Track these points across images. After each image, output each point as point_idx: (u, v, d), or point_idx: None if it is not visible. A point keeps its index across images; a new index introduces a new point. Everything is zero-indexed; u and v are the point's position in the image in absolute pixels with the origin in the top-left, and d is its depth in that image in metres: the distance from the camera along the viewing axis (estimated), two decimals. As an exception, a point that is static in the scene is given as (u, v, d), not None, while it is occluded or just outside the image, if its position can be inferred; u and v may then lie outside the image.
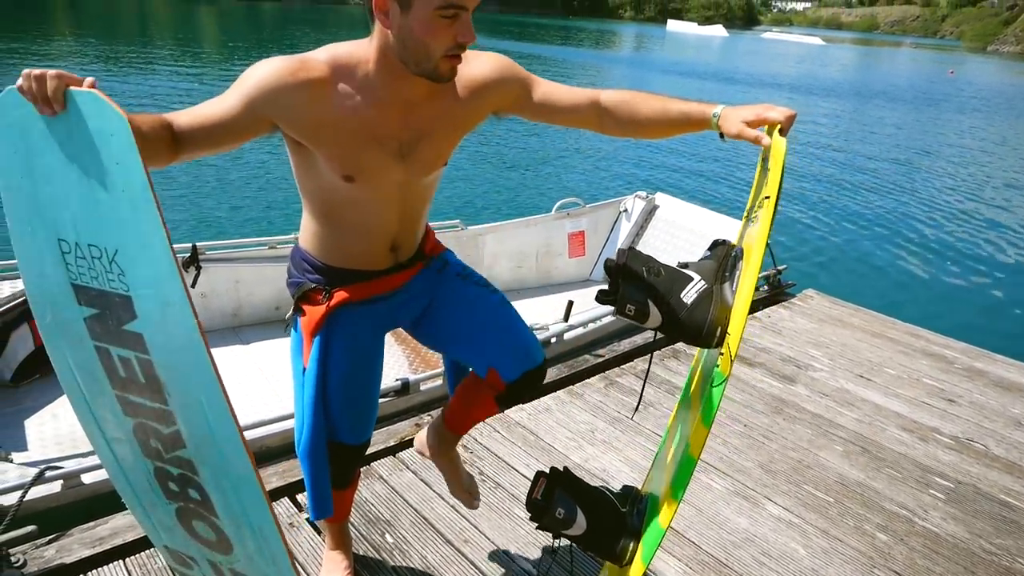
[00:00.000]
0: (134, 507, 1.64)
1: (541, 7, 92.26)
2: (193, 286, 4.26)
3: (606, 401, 3.31)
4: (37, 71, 1.20)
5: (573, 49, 39.54)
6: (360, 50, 1.49)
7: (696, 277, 1.62)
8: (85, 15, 36.49)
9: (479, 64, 1.62)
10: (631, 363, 3.71)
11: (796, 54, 56.85)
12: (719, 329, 1.52)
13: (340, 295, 1.71)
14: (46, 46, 22.04)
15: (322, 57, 1.47)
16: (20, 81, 1.20)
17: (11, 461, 2.83)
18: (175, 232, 7.01)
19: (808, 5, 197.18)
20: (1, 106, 1.24)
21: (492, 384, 1.84)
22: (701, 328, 1.55)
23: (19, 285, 3.76)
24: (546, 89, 1.67)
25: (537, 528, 1.76)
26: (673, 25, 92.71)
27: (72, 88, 1.21)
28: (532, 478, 1.79)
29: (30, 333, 3.73)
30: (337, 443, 1.79)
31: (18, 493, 2.26)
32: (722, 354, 1.48)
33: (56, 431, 3.41)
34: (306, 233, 1.72)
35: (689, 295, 1.62)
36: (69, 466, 2.50)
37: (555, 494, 1.73)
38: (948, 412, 3.46)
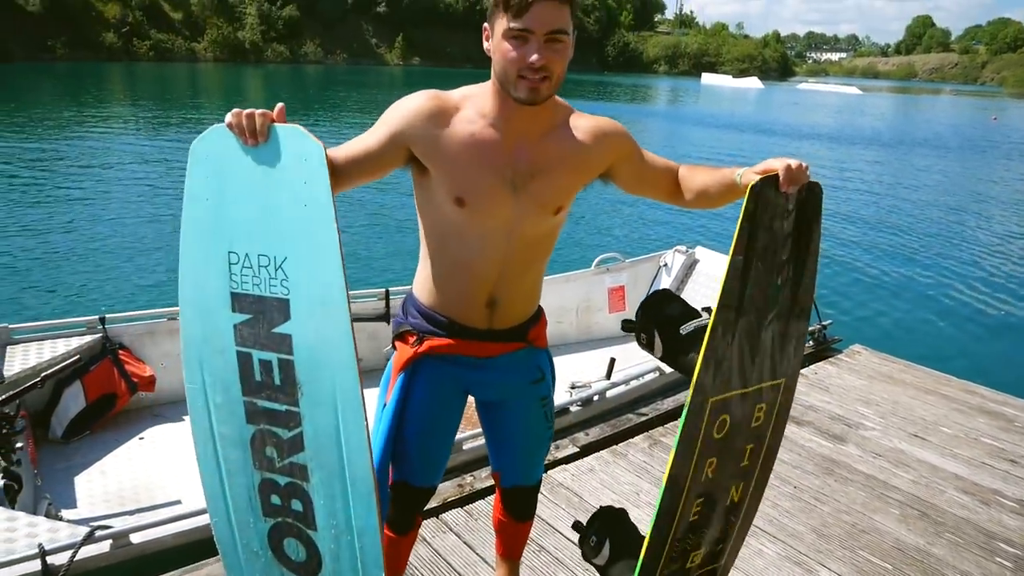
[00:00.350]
0: (223, 534, 1.66)
1: (577, 63, 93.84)
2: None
3: (651, 461, 3.25)
4: (246, 110, 1.39)
5: (610, 104, 40.02)
6: (485, 85, 1.63)
7: (704, 315, 1.66)
8: (140, 80, 38.07)
9: (598, 120, 1.70)
10: (675, 421, 3.64)
11: (834, 104, 56.75)
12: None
13: (430, 343, 1.74)
14: (105, 110, 22.99)
15: (455, 92, 1.64)
16: (229, 118, 1.39)
17: (61, 518, 2.86)
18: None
19: (843, 55, 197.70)
20: (208, 139, 1.44)
21: (495, 481, 2.02)
22: (688, 362, 1.62)
23: (73, 344, 3.85)
24: (650, 156, 1.75)
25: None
26: (707, 78, 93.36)
27: (276, 124, 1.41)
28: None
29: (82, 390, 3.81)
30: (401, 482, 1.82)
31: (69, 552, 2.29)
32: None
33: (105, 488, 3.45)
34: (416, 277, 1.80)
35: (687, 328, 1.73)
36: (118, 525, 2.52)
37: (595, 524, 1.95)
38: (1011, 474, 3.33)
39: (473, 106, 1.61)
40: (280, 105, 1.43)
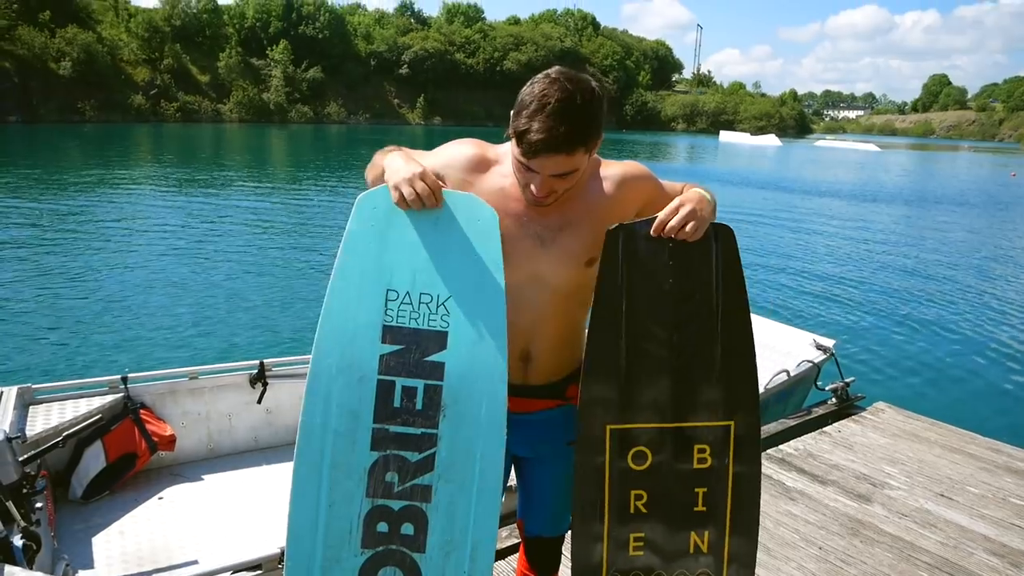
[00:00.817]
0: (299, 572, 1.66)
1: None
2: (259, 402, 4.36)
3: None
4: (419, 183, 1.54)
5: (629, 161, 40.36)
6: None
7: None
8: (166, 141, 39.04)
9: (624, 169, 1.74)
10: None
11: (853, 161, 56.95)
12: None
13: None
14: (131, 171, 23.56)
15: (500, 147, 1.71)
16: (406, 190, 1.55)
17: (77, 579, 2.85)
18: (243, 352, 7.25)
19: (860, 113, 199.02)
20: (375, 194, 1.64)
21: (519, 529, 2.04)
22: None
23: (95, 403, 3.89)
24: (669, 191, 1.76)
25: None
26: (726, 135, 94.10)
27: (456, 192, 1.61)
28: None
29: (103, 450, 3.83)
30: None
31: (84, 615, 2.28)
32: None
33: (123, 549, 3.44)
34: None
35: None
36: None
37: None
38: (1041, 536, 3.25)
39: (509, 163, 1.66)
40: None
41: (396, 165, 1.61)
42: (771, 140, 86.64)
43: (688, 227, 1.59)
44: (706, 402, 1.66)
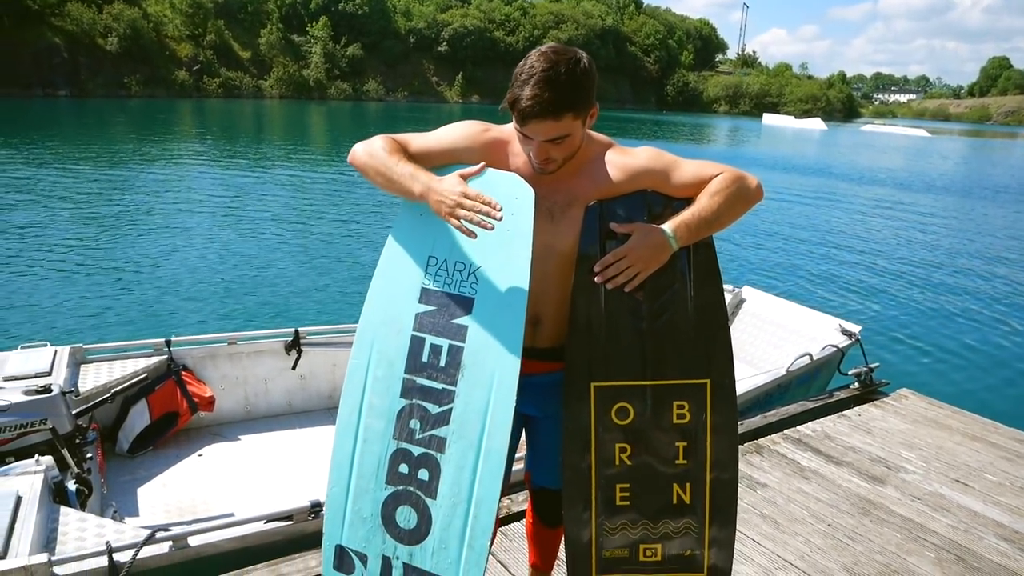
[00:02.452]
0: (336, 500, 1.85)
1: (636, 102, 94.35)
2: (294, 368, 4.54)
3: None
4: (468, 202, 1.64)
5: (668, 144, 39.96)
6: None
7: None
8: (208, 116, 39.60)
9: (635, 156, 1.85)
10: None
11: (899, 147, 55.70)
12: None
13: None
14: (175, 145, 24.02)
15: (507, 127, 1.84)
16: (461, 214, 1.64)
17: (123, 522, 3.06)
18: (279, 320, 7.48)
19: (912, 97, 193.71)
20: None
21: (526, 484, 2.19)
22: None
23: (141, 364, 4.10)
24: (680, 177, 1.83)
25: None
26: (769, 118, 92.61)
27: (498, 171, 1.75)
28: None
29: (147, 408, 4.04)
30: None
31: (132, 551, 2.47)
32: None
33: (165, 500, 3.66)
34: None
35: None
36: (177, 530, 2.70)
37: None
38: (1053, 522, 3.29)
39: (518, 142, 1.80)
40: (482, 164, 1.75)
41: (439, 192, 1.68)
42: (816, 124, 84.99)
43: (620, 278, 1.75)
44: (682, 361, 1.80)
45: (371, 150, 1.79)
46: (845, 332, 5.13)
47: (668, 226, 1.75)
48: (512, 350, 1.71)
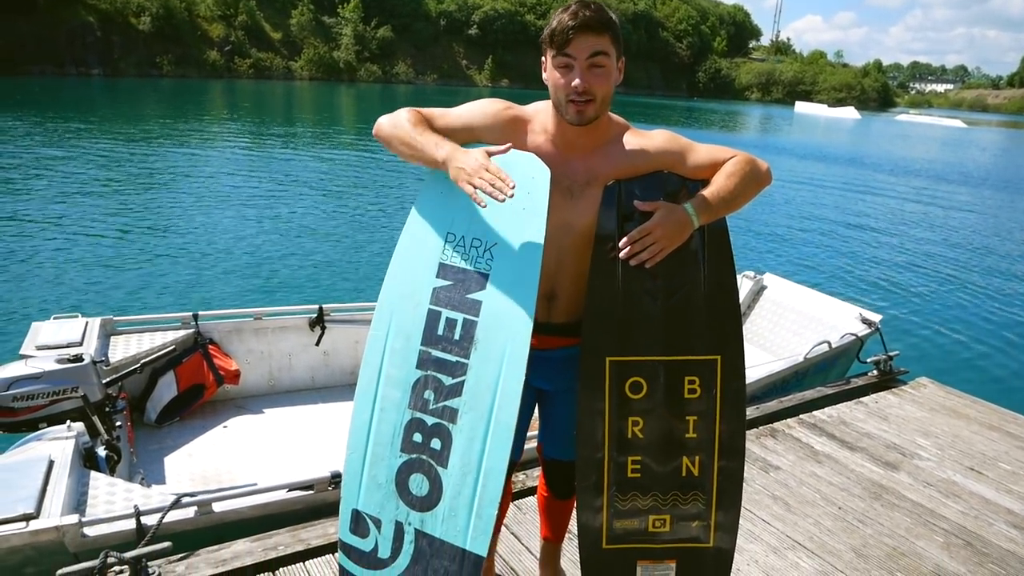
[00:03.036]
0: (353, 466, 1.92)
1: (667, 89, 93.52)
2: (317, 344, 4.64)
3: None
4: (487, 174, 1.69)
5: (698, 131, 39.48)
6: (550, 104, 1.87)
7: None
8: (239, 97, 39.90)
9: (651, 138, 1.91)
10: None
11: (933, 137, 54.78)
12: None
13: None
14: (206, 125, 24.28)
15: (528, 107, 1.92)
16: (478, 181, 1.69)
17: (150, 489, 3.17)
18: (304, 297, 7.60)
19: (950, 87, 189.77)
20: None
21: (538, 452, 2.25)
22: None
23: (169, 337, 4.21)
24: (695, 160, 1.90)
25: None
26: (801, 106, 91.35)
27: (517, 151, 1.80)
28: None
29: (174, 380, 4.16)
30: None
31: (159, 515, 2.57)
32: None
33: (191, 469, 3.77)
34: None
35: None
36: (202, 496, 2.80)
37: None
38: (1065, 511, 3.29)
39: (539, 121, 1.88)
40: (508, 144, 1.79)
41: (461, 160, 1.75)
42: (849, 112, 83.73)
43: (644, 254, 1.79)
44: (695, 338, 1.84)
45: (396, 121, 1.86)
46: (865, 321, 5.12)
47: (690, 205, 1.80)
48: (523, 325, 1.76)
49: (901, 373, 4.88)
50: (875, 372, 4.82)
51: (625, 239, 1.80)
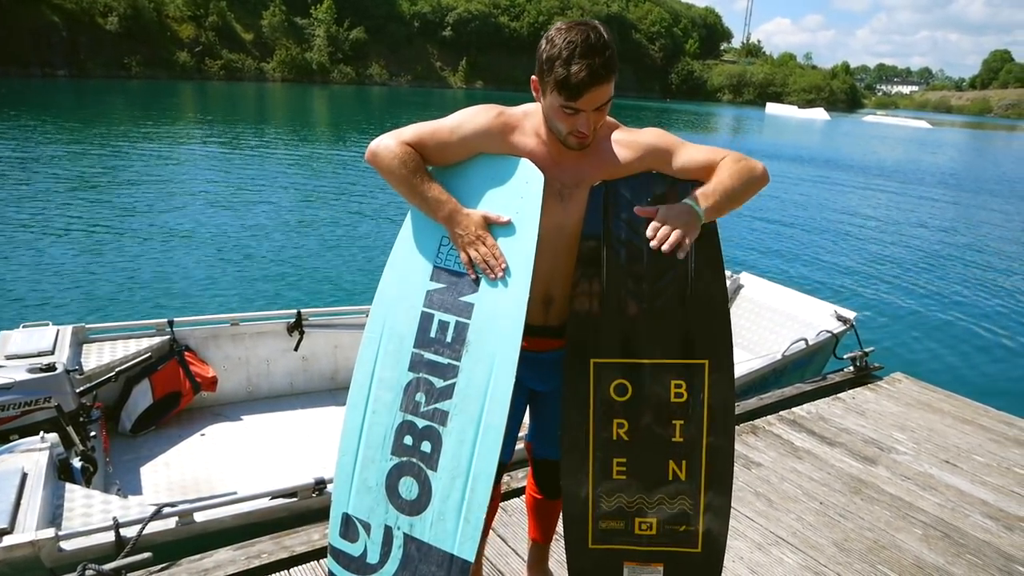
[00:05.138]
0: (344, 469, 1.91)
1: (639, 90, 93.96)
2: (296, 349, 4.59)
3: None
4: (483, 248, 1.78)
5: (673, 133, 39.65)
6: (540, 108, 1.83)
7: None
8: (210, 98, 39.48)
9: (640, 135, 1.88)
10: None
11: (900, 137, 55.61)
12: None
13: None
14: (177, 127, 23.98)
15: (518, 109, 1.89)
16: (472, 255, 1.79)
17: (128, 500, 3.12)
18: (281, 301, 7.51)
19: (915, 89, 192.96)
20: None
21: (528, 455, 2.26)
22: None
23: (143, 344, 4.14)
24: (684, 159, 1.86)
25: None
26: (772, 108, 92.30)
27: (504, 156, 1.83)
28: None
29: (150, 388, 4.09)
30: None
31: (138, 527, 2.52)
32: None
33: (168, 478, 3.71)
34: None
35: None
36: (183, 506, 2.75)
37: None
38: (1039, 502, 3.35)
39: (530, 124, 1.85)
40: (508, 218, 1.80)
41: (463, 224, 1.80)
42: (819, 114, 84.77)
43: (673, 237, 1.73)
44: (682, 341, 1.83)
45: (391, 164, 1.81)
46: (840, 318, 5.19)
47: (689, 199, 1.77)
48: (514, 328, 1.75)
49: (877, 369, 4.95)
50: (851, 368, 4.89)
51: (651, 228, 1.74)
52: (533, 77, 1.75)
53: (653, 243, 1.74)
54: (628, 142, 1.85)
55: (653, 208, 1.78)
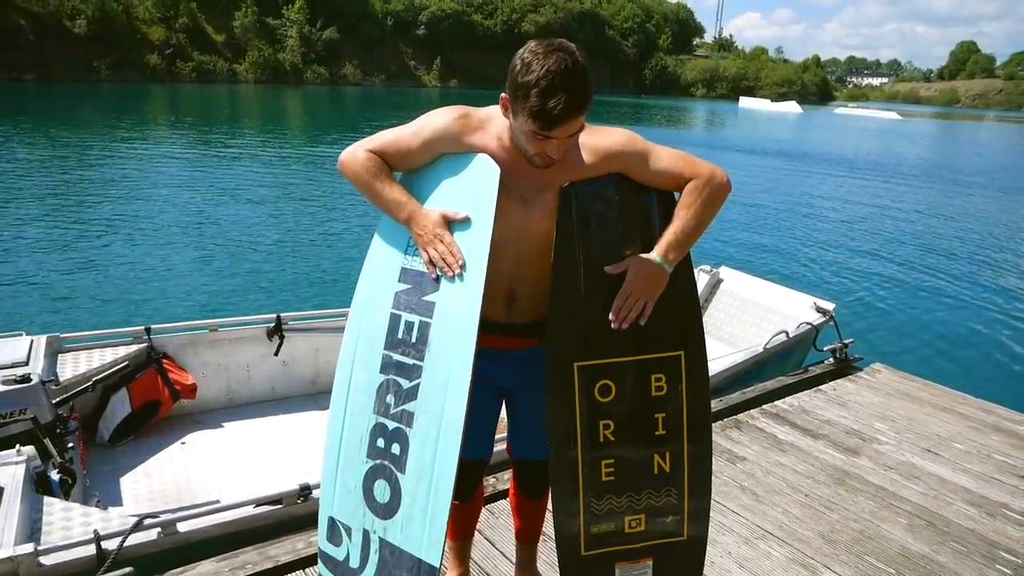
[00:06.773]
0: (329, 471, 1.93)
1: (613, 86, 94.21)
2: (276, 354, 4.54)
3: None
4: (441, 247, 1.78)
5: (647, 128, 39.76)
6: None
7: None
8: (181, 101, 39.04)
9: (607, 138, 1.83)
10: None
11: (871, 129, 56.34)
12: None
13: None
14: (146, 131, 23.68)
15: (481, 111, 1.86)
16: (431, 253, 1.79)
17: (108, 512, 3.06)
18: (261, 306, 7.43)
19: (885, 80, 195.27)
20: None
21: (507, 453, 2.23)
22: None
23: (120, 352, 4.08)
24: (651, 172, 1.84)
25: None
26: (745, 102, 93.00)
27: (473, 154, 1.80)
28: None
29: (128, 397, 4.02)
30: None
31: (119, 539, 2.48)
32: None
33: (149, 488, 3.66)
34: None
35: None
36: (165, 516, 2.71)
37: None
38: (1019, 488, 3.39)
39: (495, 128, 1.81)
40: (465, 215, 1.79)
41: (422, 224, 1.81)
42: (792, 107, 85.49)
43: (632, 314, 1.80)
44: (658, 335, 1.85)
45: (356, 170, 1.85)
46: (819, 310, 5.23)
47: (656, 254, 1.79)
48: (469, 324, 1.73)
49: (856, 360, 4.99)
50: (832, 360, 4.92)
51: (613, 312, 1.79)
52: (503, 95, 1.69)
53: (614, 325, 1.80)
54: (594, 147, 1.81)
55: (623, 264, 1.80)
